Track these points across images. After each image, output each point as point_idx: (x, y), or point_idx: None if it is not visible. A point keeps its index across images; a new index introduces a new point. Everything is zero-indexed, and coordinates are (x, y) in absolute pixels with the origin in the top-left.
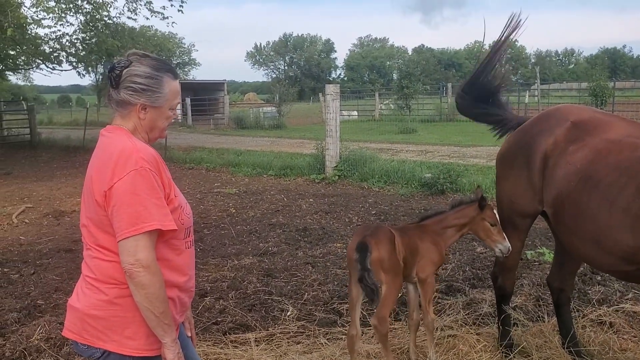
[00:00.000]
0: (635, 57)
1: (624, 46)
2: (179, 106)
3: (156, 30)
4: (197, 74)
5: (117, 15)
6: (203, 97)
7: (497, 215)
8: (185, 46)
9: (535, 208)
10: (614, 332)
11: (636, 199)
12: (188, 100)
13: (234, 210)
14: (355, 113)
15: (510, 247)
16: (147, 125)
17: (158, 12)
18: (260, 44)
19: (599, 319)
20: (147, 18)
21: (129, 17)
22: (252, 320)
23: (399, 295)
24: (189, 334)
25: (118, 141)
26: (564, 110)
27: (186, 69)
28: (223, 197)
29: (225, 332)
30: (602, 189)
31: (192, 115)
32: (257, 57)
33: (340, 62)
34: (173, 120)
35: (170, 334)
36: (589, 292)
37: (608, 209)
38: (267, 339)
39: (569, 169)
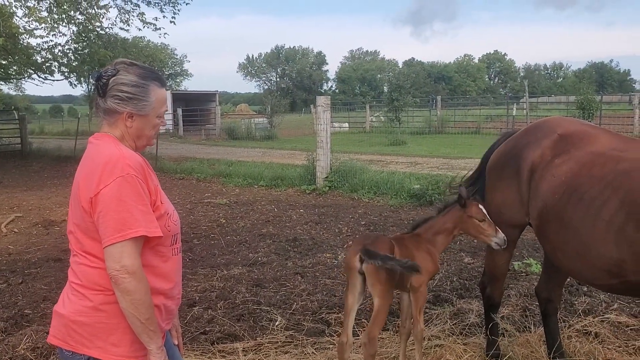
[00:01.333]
0: (621, 71)
1: (611, 60)
2: (169, 116)
3: (149, 41)
4: (189, 85)
5: (110, 26)
6: (195, 108)
7: (484, 210)
8: (178, 57)
9: (522, 219)
10: (599, 342)
11: (619, 212)
12: (180, 111)
13: (224, 221)
14: (346, 125)
15: (506, 238)
16: (134, 133)
17: (150, 23)
18: (253, 55)
19: (585, 329)
20: (140, 29)
21: (121, 28)
22: (240, 330)
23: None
24: (176, 342)
25: (105, 148)
26: (552, 123)
27: (178, 80)
28: (213, 207)
29: (213, 341)
30: (586, 202)
31: (183, 125)
32: (249, 68)
33: (331, 74)
34: (162, 129)
35: (156, 341)
36: (575, 302)
37: (592, 222)
38: (255, 349)
39: (554, 181)
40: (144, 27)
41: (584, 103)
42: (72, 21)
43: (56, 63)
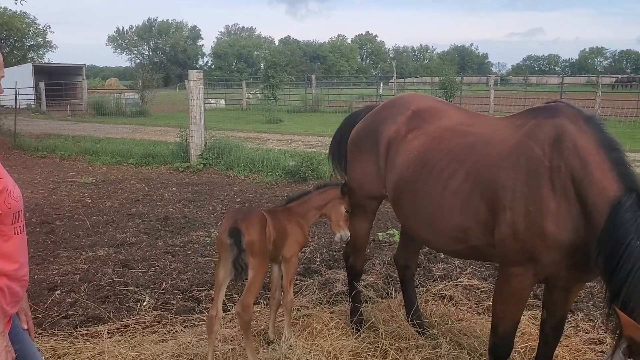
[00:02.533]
0: (480, 54)
1: (472, 44)
2: (30, 90)
3: (5, 8)
4: (54, 58)
5: None
6: (59, 82)
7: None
8: (40, 27)
9: (381, 192)
10: (452, 304)
11: (465, 183)
12: (42, 85)
13: (89, 201)
14: (223, 102)
15: (349, 237)
16: None
17: None
18: (123, 27)
19: (441, 293)
20: None
21: None
22: (105, 312)
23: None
24: (26, 327)
25: None
26: (407, 99)
27: (41, 52)
28: (78, 186)
29: (76, 325)
30: (435, 174)
31: (46, 100)
32: (120, 41)
33: (207, 49)
34: (21, 104)
35: None
36: (433, 269)
37: (440, 192)
38: (121, 330)
39: (408, 156)
40: None
41: (446, 84)
42: None
43: None
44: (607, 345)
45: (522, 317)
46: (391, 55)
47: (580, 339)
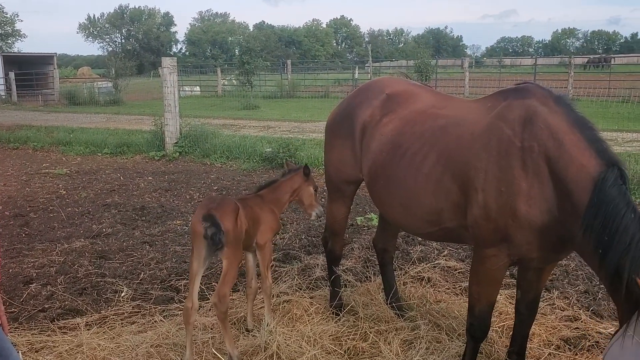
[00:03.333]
0: (455, 37)
1: (446, 27)
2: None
3: None
4: (24, 47)
5: None
6: (29, 72)
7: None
8: (8, 16)
9: (358, 176)
10: (431, 286)
11: (437, 165)
12: (12, 75)
13: (64, 192)
14: (198, 89)
15: (324, 211)
16: None
17: None
18: (94, 15)
19: (419, 275)
20: None
21: None
22: (82, 305)
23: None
24: None
25: None
26: (381, 83)
27: (9, 41)
28: (52, 178)
29: (53, 318)
30: (408, 157)
31: (17, 91)
32: (91, 29)
33: (181, 36)
34: None
35: None
36: (411, 251)
37: (414, 175)
38: (100, 322)
39: (381, 140)
40: None
41: (421, 67)
42: None
43: None
44: (582, 321)
45: (498, 296)
46: (366, 39)
47: (556, 316)
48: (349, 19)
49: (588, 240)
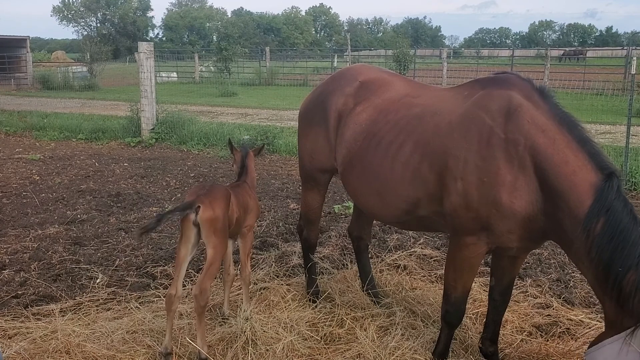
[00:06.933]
0: (434, 27)
1: (425, 17)
2: None
3: None
4: None
5: None
6: (1, 55)
7: None
8: None
9: (332, 164)
10: (407, 273)
11: (414, 154)
12: None
13: (37, 177)
14: (175, 75)
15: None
16: None
17: None
18: None
19: (395, 263)
20: None
21: None
22: (57, 291)
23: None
24: None
25: None
26: (354, 71)
27: None
28: (25, 163)
29: (26, 305)
30: (384, 147)
31: None
32: (65, 12)
33: (157, 21)
34: None
35: None
36: (387, 239)
37: (390, 165)
38: (74, 309)
39: (355, 129)
40: None
41: (399, 56)
42: None
43: None
44: (553, 308)
45: (473, 284)
46: (345, 28)
47: (528, 303)
48: (328, 7)
49: (586, 244)
